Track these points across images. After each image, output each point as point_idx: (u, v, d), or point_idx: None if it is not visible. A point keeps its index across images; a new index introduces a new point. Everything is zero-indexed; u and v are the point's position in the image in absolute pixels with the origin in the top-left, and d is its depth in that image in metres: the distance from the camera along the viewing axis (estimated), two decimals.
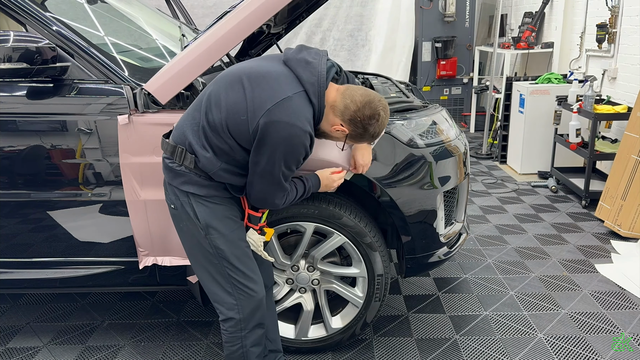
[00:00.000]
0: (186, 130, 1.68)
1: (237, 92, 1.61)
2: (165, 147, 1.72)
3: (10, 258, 2.22)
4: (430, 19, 6.53)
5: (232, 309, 1.78)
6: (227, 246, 1.73)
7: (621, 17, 4.23)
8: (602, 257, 3.22)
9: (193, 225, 1.72)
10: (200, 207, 1.70)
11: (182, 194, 1.71)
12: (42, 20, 2.01)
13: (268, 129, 1.55)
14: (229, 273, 1.75)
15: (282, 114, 1.55)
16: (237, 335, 1.81)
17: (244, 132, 1.59)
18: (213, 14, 6.17)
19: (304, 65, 1.63)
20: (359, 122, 1.64)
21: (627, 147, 3.62)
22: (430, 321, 2.60)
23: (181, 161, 1.67)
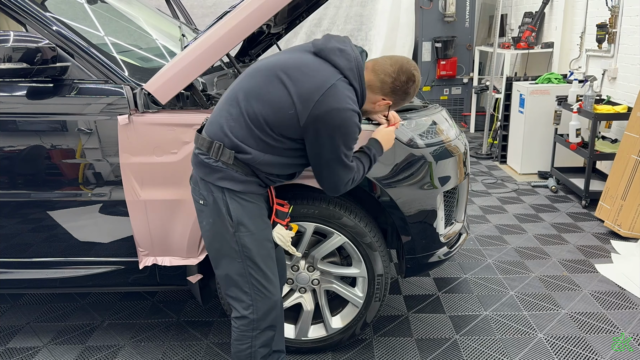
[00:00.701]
0: (223, 125, 1.66)
1: (278, 87, 1.61)
2: (201, 143, 1.69)
3: (10, 258, 2.22)
4: (430, 19, 6.53)
5: (247, 309, 1.76)
6: (254, 245, 1.72)
7: (621, 17, 4.23)
8: (602, 257, 3.22)
9: (223, 221, 1.70)
10: (235, 203, 1.69)
11: (217, 190, 1.69)
12: (42, 20, 2.01)
13: (322, 119, 1.58)
14: (250, 272, 1.74)
15: (332, 101, 1.57)
16: (248, 335, 1.80)
17: (292, 126, 1.61)
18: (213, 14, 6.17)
19: (338, 54, 1.65)
20: (399, 89, 1.72)
21: (627, 147, 3.62)
22: (430, 321, 2.60)
23: (218, 157, 1.65)
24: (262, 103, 1.61)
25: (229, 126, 1.65)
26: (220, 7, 6.31)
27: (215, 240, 1.75)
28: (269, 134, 1.63)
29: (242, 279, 1.75)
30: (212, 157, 1.66)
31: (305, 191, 2.10)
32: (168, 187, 2.05)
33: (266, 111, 1.61)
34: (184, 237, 2.11)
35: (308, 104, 1.57)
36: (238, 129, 1.64)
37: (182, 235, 2.11)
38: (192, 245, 2.13)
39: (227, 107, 1.68)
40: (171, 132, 1.99)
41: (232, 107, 1.66)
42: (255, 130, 1.63)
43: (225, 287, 1.80)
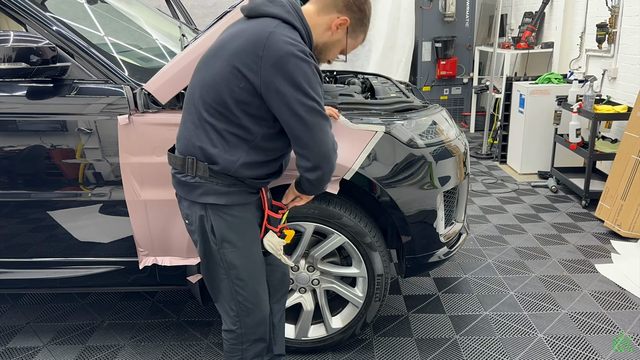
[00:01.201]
0: (191, 137, 1.55)
1: (220, 66, 1.47)
2: (174, 162, 1.61)
3: (10, 258, 2.22)
4: (430, 19, 6.53)
5: (234, 324, 1.73)
6: (241, 261, 1.66)
7: (621, 17, 4.23)
8: (602, 257, 3.22)
9: (207, 239, 1.64)
10: (218, 219, 1.60)
11: (199, 207, 1.60)
12: (42, 20, 2.01)
13: (275, 70, 1.40)
14: (236, 289, 1.69)
15: (277, 47, 1.40)
16: (238, 348, 1.77)
17: (250, 99, 1.46)
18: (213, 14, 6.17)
19: (268, 5, 1.49)
20: (353, 4, 1.55)
21: (627, 147, 3.62)
22: (430, 321, 2.60)
23: (194, 172, 1.55)
24: (213, 91, 1.47)
25: (196, 137, 1.54)
26: (220, 7, 6.31)
27: (204, 258, 1.70)
28: (235, 123, 1.49)
29: (228, 295, 1.71)
30: (189, 174, 1.57)
31: None
32: (168, 187, 2.04)
33: (220, 97, 1.47)
34: (184, 237, 2.11)
35: (254, 64, 1.41)
36: (203, 135, 1.52)
37: (182, 235, 2.11)
38: (192, 245, 2.12)
39: (188, 117, 1.57)
40: (171, 132, 1.99)
41: (190, 114, 1.56)
42: (219, 126, 1.49)
43: (215, 300, 1.77)
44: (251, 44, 1.42)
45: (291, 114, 1.45)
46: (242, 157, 1.54)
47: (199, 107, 1.52)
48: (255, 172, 1.59)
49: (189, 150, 1.57)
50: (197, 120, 1.54)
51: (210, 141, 1.52)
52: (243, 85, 1.44)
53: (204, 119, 1.52)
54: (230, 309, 1.72)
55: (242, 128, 1.51)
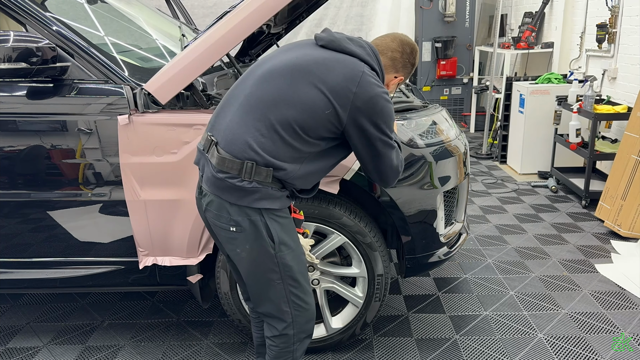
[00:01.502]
0: (250, 142, 1.51)
1: (307, 88, 1.51)
2: (230, 166, 1.52)
3: (10, 258, 2.22)
4: (430, 19, 6.53)
5: (288, 327, 1.70)
6: (295, 262, 1.65)
7: (621, 17, 4.23)
8: (602, 257, 3.22)
9: (262, 244, 1.59)
10: (274, 223, 1.58)
11: (254, 212, 1.56)
12: (42, 20, 2.01)
13: (364, 110, 1.52)
14: (291, 290, 1.66)
15: (368, 90, 1.52)
16: (289, 350, 1.74)
17: (332, 126, 1.53)
18: (213, 14, 6.18)
19: (350, 43, 1.59)
20: (408, 62, 1.72)
21: (627, 147, 3.62)
22: (430, 321, 2.60)
23: (251, 177, 1.52)
24: (295, 109, 1.50)
25: (258, 142, 1.51)
26: (220, 7, 6.32)
27: (252, 266, 1.64)
28: (305, 140, 1.53)
29: (282, 299, 1.67)
30: (246, 179, 1.52)
31: None
32: (168, 187, 2.05)
33: (301, 116, 1.50)
34: (184, 237, 2.11)
35: (346, 99, 1.50)
36: (270, 144, 1.51)
37: (182, 235, 2.11)
38: (192, 245, 2.13)
39: (252, 121, 1.53)
40: (171, 132, 1.99)
41: (257, 120, 1.52)
42: (289, 140, 1.52)
43: (263, 309, 1.72)
44: (345, 79, 1.51)
45: (365, 147, 1.59)
46: (303, 168, 1.58)
47: (271, 118, 1.51)
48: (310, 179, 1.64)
49: (247, 155, 1.52)
50: (265, 129, 1.51)
51: (274, 152, 1.52)
52: (329, 112, 1.52)
53: (275, 131, 1.51)
54: (283, 312, 1.69)
55: (310, 144, 1.56)
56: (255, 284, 1.68)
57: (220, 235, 1.65)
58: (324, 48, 1.59)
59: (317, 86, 1.51)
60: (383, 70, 1.65)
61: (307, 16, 2.93)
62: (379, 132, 1.56)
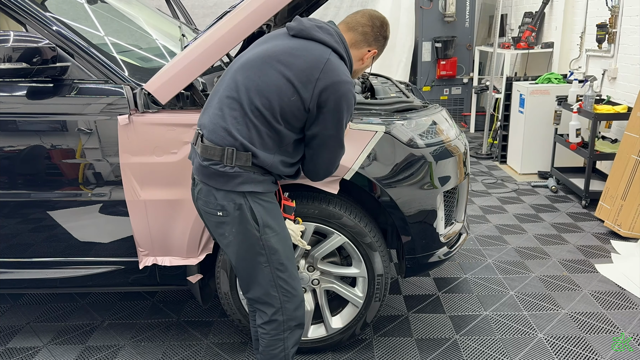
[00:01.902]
0: (229, 128, 1.60)
1: (275, 75, 1.59)
2: (212, 153, 1.62)
3: (10, 258, 2.22)
4: (430, 19, 6.53)
5: (276, 312, 1.74)
6: (280, 245, 1.71)
7: (621, 17, 4.23)
8: (602, 257, 3.22)
9: (247, 227, 1.66)
10: (258, 206, 1.66)
11: (238, 196, 1.64)
12: (42, 20, 2.01)
13: (326, 96, 1.58)
14: (277, 274, 1.72)
15: (332, 75, 1.58)
16: (280, 337, 1.77)
17: (298, 112, 1.61)
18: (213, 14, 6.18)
19: (318, 30, 1.66)
20: (379, 35, 1.77)
21: (627, 147, 3.62)
22: (430, 321, 2.60)
23: (233, 162, 1.61)
24: (264, 96, 1.59)
25: (235, 129, 1.60)
26: (221, 7, 6.32)
27: (240, 249, 1.71)
28: (274, 128, 1.61)
29: (270, 283, 1.72)
30: (228, 164, 1.61)
31: (305, 191, 2.10)
32: (168, 187, 2.05)
33: (269, 104, 1.59)
34: (184, 237, 2.11)
35: (309, 84, 1.57)
36: (245, 130, 1.60)
37: (182, 235, 2.11)
38: (192, 245, 2.13)
39: (227, 110, 1.63)
40: (171, 132, 1.99)
41: (232, 109, 1.62)
42: (260, 127, 1.61)
43: (252, 294, 1.76)
44: (309, 65, 1.59)
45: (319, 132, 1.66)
46: (277, 156, 1.66)
47: (244, 106, 1.60)
48: (286, 170, 1.72)
49: (227, 141, 1.61)
50: (240, 117, 1.61)
51: (249, 137, 1.61)
52: (294, 99, 1.59)
53: (247, 117, 1.60)
54: (271, 296, 1.73)
55: (278, 133, 1.63)
56: (243, 268, 1.73)
57: (210, 221, 1.73)
58: (295, 37, 1.67)
59: (283, 74, 1.59)
60: (350, 57, 1.72)
61: (307, 16, 2.92)
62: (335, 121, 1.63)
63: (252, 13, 1.83)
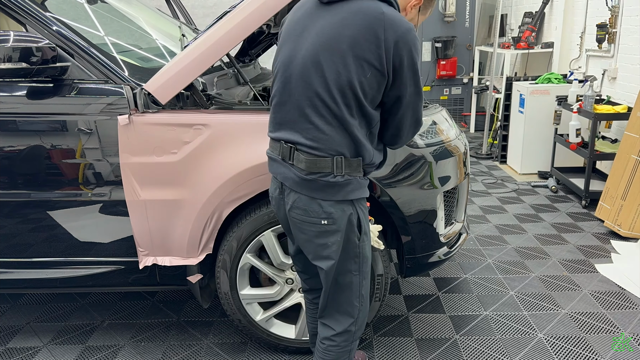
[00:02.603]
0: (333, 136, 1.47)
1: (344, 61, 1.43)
2: (322, 166, 1.49)
3: (10, 258, 2.22)
4: (430, 19, 6.53)
5: (353, 323, 1.67)
6: (369, 253, 1.65)
7: (621, 17, 4.23)
8: (602, 257, 3.22)
9: (350, 236, 1.57)
10: (361, 212, 1.58)
11: (348, 205, 1.54)
12: (42, 20, 2.01)
13: (398, 51, 1.42)
14: (362, 283, 1.65)
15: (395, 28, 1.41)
16: (347, 349, 1.69)
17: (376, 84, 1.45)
18: (213, 14, 6.18)
19: None
20: None
21: (627, 147, 3.62)
22: (430, 321, 2.60)
23: (343, 170, 1.50)
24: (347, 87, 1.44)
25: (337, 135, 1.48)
26: (220, 7, 6.32)
27: (339, 258, 1.59)
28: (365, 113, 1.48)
29: (355, 292, 1.65)
30: (338, 174, 1.50)
31: None
32: (168, 187, 2.05)
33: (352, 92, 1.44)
34: (184, 237, 2.11)
35: (377, 49, 1.41)
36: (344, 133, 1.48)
37: (182, 235, 2.11)
38: (192, 245, 2.13)
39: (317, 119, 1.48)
40: (171, 132, 1.99)
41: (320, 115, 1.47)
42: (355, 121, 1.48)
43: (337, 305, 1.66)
44: (368, 29, 1.41)
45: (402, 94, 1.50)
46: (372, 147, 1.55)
47: (331, 106, 1.46)
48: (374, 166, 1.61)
49: (334, 150, 1.49)
50: (333, 119, 1.47)
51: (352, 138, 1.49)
52: (370, 75, 1.44)
53: (339, 117, 1.47)
54: (353, 306, 1.66)
55: (367, 118, 1.51)
56: (336, 277, 1.62)
57: (308, 231, 1.58)
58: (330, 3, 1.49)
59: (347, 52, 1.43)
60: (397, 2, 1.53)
61: None
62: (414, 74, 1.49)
63: (252, 13, 1.83)
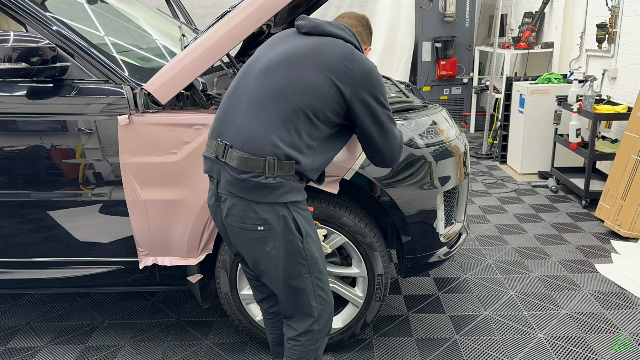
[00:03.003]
0: (271, 136, 1.52)
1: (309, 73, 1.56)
2: (253, 165, 1.52)
3: (10, 258, 2.22)
4: (430, 19, 6.53)
5: (314, 322, 1.72)
6: (319, 253, 1.69)
7: (621, 17, 4.23)
8: (602, 257, 3.22)
9: (291, 238, 1.60)
10: (299, 215, 1.61)
11: (281, 208, 1.57)
12: (42, 20, 2.01)
13: (363, 83, 1.58)
14: (317, 283, 1.69)
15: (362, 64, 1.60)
16: (312, 348, 1.74)
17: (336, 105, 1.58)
18: (213, 14, 6.18)
19: (330, 26, 1.67)
20: (369, 32, 1.90)
21: (627, 147, 3.62)
22: (430, 321, 2.60)
23: (274, 172, 1.53)
24: (303, 95, 1.54)
25: (277, 136, 1.52)
26: (220, 7, 6.32)
27: (283, 263, 1.63)
28: (316, 125, 1.57)
29: (310, 294, 1.69)
30: (270, 175, 1.53)
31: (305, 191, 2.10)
32: (168, 187, 2.05)
33: (310, 100, 1.54)
34: (184, 237, 2.11)
35: (345, 75, 1.56)
36: (287, 135, 1.53)
37: (182, 235, 2.11)
38: (192, 245, 2.13)
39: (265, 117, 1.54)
40: (171, 132, 1.99)
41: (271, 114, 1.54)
42: (303, 128, 1.55)
43: (292, 308, 1.72)
44: (341, 57, 1.58)
45: (373, 119, 1.64)
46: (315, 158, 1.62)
47: (283, 109, 1.54)
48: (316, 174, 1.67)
49: (268, 150, 1.53)
50: (280, 121, 1.53)
51: (291, 142, 1.54)
52: (333, 91, 1.56)
53: (289, 120, 1.54)
54: (311, 307, 1.71)
55: (317, 130, 1.60)
56: (286, 279, 1.66)
57: (246, 238, 1.62)
58: (308, 35, 1.66)
59: (318, 69, 1.56)
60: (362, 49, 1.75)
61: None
62: (381, 106, 1.64)
63: (252, 13, 1.83)
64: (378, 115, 1.64)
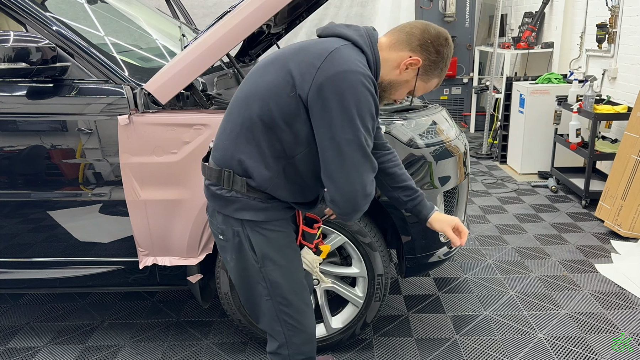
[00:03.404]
0: (230, 147, 1.43)
1: (275, 73, 1.36)
2: (209, 173, 1.48)
3: (10, 258, 2.22)
4: (430, 19, 6.46)
5: (281, 346, 1.60)
6: (284, 279, 1.52)
7: (621, 17, 4.23)
8: (602, 257, 3.22)
9: (246, 257, 1.51)
10: (257, 236, 1.47)
11: (236, 223, 1.48)
12: (42, 20, 2.01)
13: (328, 83, 1.28)
14: (281, 309, 1.55)
15: (336, 64, 1.29)
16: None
17: (295, 110, 1.33)
18: (213, 14, 6.18)
19: (341, 26, 1.42)
20: (430, 44, 1.39)
21: (627, 147, 3.62)
22: (430, 321, 2.60)
23: (230, 186, 1.43)
24: (263, 100, 1.36)
25: (235, 146, 1.42)
26: (220, 7, 6.32)
27: (241, 278, 1.56)
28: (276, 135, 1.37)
29: (273, 317, 1.57)
30: (225, 187, 1.45)
31: None
32: (168, 187, 2.05)
33: (267, 106, 1.35)
34: (184, 237, 2.11)
35: (307, 76, 1.30)
36: (243, 145, 1.40)
37: (182, 235, 2.11)
38: (192, 245, 2.13)
39: (228, 125, 1.45)
40: (171, 132, 1.99)
41: (231, 122, 1.44)
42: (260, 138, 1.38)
43: (257, 321, 1.64)
44: (313, 56, 1.32)
45: (329, 136, 1.31)
46: (279, 175, 1.43)
47: (242, 116, 1.40)
48: (291, 196, 1.48)
49: (226, 162, 1.45)
50: (239, 128, 1.41)
51: (248, 153, 1.40)
52: (292, 94, 1.32)
53: (246, 127, 1.39)
54: (275, 331, 1.59)
55: (281, 143, 1.38)
56: (246, 298, 1.61)
57: (217, 242, 1.62)
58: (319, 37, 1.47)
59: (284, 67, 1.35)
60: (377, 57, 1.40)
61: (307, 16, 2.92)
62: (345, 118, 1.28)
63: (252, 13, 1.83)
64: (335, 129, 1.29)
